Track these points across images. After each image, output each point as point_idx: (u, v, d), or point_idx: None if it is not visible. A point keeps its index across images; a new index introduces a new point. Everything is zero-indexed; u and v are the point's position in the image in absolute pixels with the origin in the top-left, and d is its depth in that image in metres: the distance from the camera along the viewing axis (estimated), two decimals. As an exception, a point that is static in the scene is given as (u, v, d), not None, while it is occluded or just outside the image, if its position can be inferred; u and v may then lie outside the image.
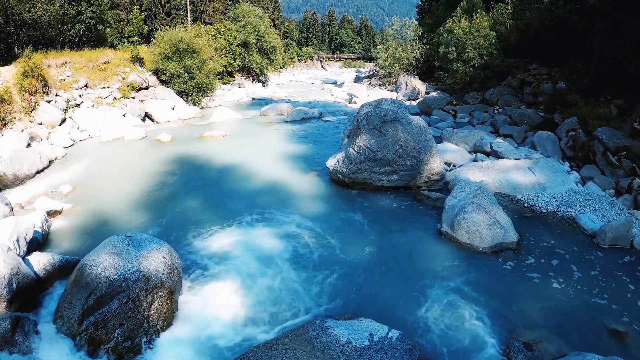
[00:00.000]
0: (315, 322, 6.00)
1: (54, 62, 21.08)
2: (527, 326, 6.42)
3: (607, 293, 7.30)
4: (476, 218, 8.85)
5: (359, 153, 11.71)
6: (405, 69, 37.62)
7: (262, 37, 45.84)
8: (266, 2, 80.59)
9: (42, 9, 21.65)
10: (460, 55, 27.10)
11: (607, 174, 11.88)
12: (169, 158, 15.24)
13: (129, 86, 24.50)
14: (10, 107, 16.60)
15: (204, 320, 6.41)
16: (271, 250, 8.55)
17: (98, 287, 5.93)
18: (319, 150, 16.44)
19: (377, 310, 6.71)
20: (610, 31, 15.37)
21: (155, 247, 6.82)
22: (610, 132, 12.53)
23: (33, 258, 7.29)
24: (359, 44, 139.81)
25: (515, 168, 12.08)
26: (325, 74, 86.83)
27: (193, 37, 29.04)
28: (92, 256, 6.35)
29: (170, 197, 11.52)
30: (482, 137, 15.61)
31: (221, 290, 7.15)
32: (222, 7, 57.48)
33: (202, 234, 9.22)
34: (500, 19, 28.79)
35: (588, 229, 9.47)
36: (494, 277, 7.74)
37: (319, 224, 9.75)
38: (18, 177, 12.45)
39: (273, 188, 12.15)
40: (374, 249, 8.71)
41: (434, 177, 11.98)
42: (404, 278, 7.68)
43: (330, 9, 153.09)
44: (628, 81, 14.23)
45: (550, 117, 16.72)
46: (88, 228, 9.48)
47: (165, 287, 6.33)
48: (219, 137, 18.89)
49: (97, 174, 13.45)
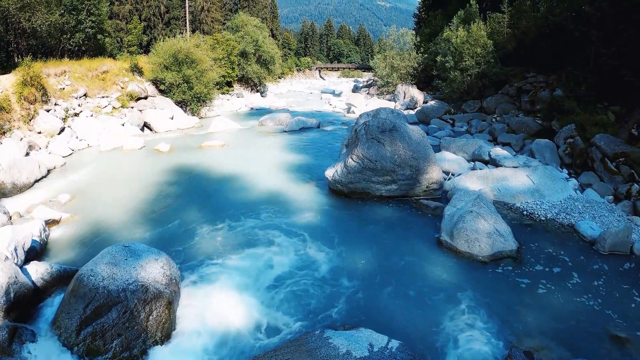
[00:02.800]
0: (315, 332, 5.96)
1: (54, 71, 21.17)
2: (528, 334, 6.39)
3: (608, 300, 7.28)
4: (475, 227, 8.84)
5: (357, 163, 11.71)
6: (403, 79, 37.80)
7: (261, 47, 46.05)
8: (265, 13, 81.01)
9: (42, 18, 21.77)
10: (458, 64, 27.26)
11: (605, 181, 11.90)
12: (167, 168, 15.24)
13: (128, 96, 24.59)
14: (10, 116, 16.64)
15: (202, 331, 6.36)
16: (270, 261, 8.51)
17: (96, 297, 5.90)
18: (318, 160, 16.45)
19: (377, 321, 6.67)
20: (606, 39, 15.49)
21: (154, 257, 6.79)
22: (608, 139, 12.57)
23: (31, 267, 7.25)
24: (357, 53, 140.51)
25: (514, 176, 12.09)
26: (324, 84, 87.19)
27: (192, 47, 29.19)
28: (90, 266, 6.33)
29: (169, 207, 11.50)
30: (481, 145, 15.64)
31: (220, 300, 7.10)
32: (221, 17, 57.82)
33: (200, 244, 9.18)
34: (497, 28, 29.02)
35: (587, 235, 9.46)
36: (493, 286, 7.71)
37: (317, 234, 9.73)
38: (17, 186, 12.44)
39: (272, 198, 12.13)
40: (373, 259, 8.67)
41: (432, 186, 11.97)
42: (403, 288, 7.64)
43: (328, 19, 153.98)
44: (625, 87, 14.31)
45: (548, 125, 16.78)
46: (86, 237, 9.44)
47: (163, 297, 6.29)
48: (218, 147, 18.90)
49: (96, 184, 13.43)
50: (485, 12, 31.69)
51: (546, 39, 21.26)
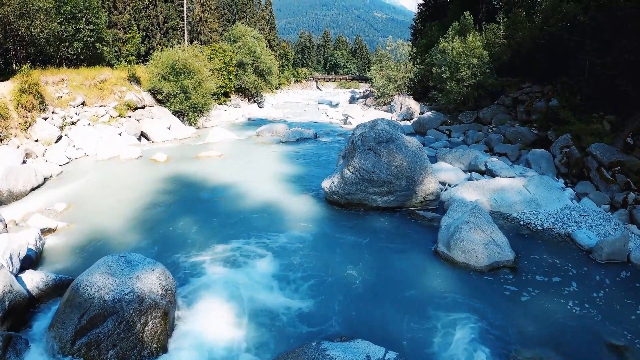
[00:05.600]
0: (312, 344, 5.91)
1: (52, 79, 21.20)
2: (526, 345, 6.36)
3: (606, 309, 7.28)
4: (472, 237, 8.84)
5: (354, 174, 11.72)
6: (400, 89, 37.99)
7: (258, 57, 46.22)
8: (262, 24, 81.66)
9: (41, 26, 21.82)
10: (454, 75, 27.46)
11: (601, 190, 11.95)
12: (164, 178, 15.22)
13: (126, 105, 24.61)
14: (7, 123, 16.62)
15: (198, 343, 6.30)
16: (266, 271, 8.48)
17: (91, 307, 5.85)
18: (314, 171, 16.46)
19: (374, 332, 6.62)
20: (601, 48, 15.65)
21: (150, 267, 6.75)
22: (603, 148, 12.65)
23: (26, 276, 7.20)
24: (353, 64, 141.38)
25: (510, 186, 12.13)
26: (321, 95, 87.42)
27: (190, 57, 29.28)
28: (86, 276, 6.28)
29: (165, 217, 11.46)
30: (477, 156, 15.70)
31: (216, 312, 7.05)
32: (219, 27, 58.20)
33: (196, 255, 9.13)
34: (493, 39, 29.27)
35: (584, 244, 9.49)
36: (491, 296, 7.69)
37: (314, 245, 9.70)
38: (13, 194, 12.39)
39: (269, 209, 12.10)
40: (370, 270, 8.64)
41: (429, 197, 11.99)
42: (400, 299, 7.61)
43: (325, 30, 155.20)
44: (620, 97, 14.44)
45: (544, 135, 16.89)
46: (82, 247, 9.39)
47: (159, 308, 6.25)
48: (215, 157, 18.91)
49: (92, 193, 13.39)
50: (481, 23, 32.02)
51: (541, 50, 21.47)
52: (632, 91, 13.95)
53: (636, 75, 13.97)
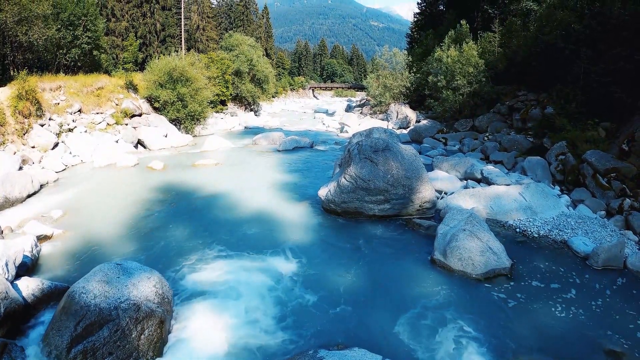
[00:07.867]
0: (308, 352, 5.91)
1: (49, 86, 21.22)
2: (523, 352, 6.36)
3: (602, 315, 7.29)
4: (468, 245, 8.86)
5: (350, 182, 11.73)
6: (396, 98, 38.17)
7: (255, 66, 46.42)
8: (259, 32, 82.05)
9: (39, 32, 21.85)
10: (450, 83, 27.65)
11: (597, 196, 12.01)
12: (161, 186, 15.19)
13: (123, 112, 24.63)
14: (4, 129, 16.61)
15: (194, 351, 6.27)
16: (262, 279, 8.45)
17: (87, 315, 5.82)
18: (311, 179, 16.46)
19: (371, 340, 6.61)
20: (596, 56, 15.80)
21: (146, 275, 6.72)
22: (599, 155, 12.73)
23: (22, 283, 7.15)
24: (350, 73, 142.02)
25: (506, 194, 12.17)
26: (317, 103, 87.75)
27: (187, 65, 29.39)
28: (82, 283, 6.25)
29: (161, 225, 11.43)
30: (473, 164, 15.75)
31: (212, 320, 7.02)
32: (216, 36, 58.48)
33: (193, 263, 9.09)
34: (489, 47, 29.52)
35: (580, 251, 9.52)
36: (488, 304, 7.70)
37: (310, 253, 9.68)
38: (9, 200, 12.35)
39: (265, 217, 12.08)
40: (367, 279, 8.63)
41: (425, 205, 12.01)
42: (397, 307, 7.59)
43: (322, 39, 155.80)
44: (615, 104, 14.56)
45: (540, 142, 16.98)
46: (78, 254, 9.35)
47: (155, 316, 6.22)
48: (211, 165, 18.91)
49: (89, 200, 13.35)
50: (477, 31, 32.28)
51: (537, 58, 21.67)
52: (626, 98, 14.08)
53: (630, 83, 14.11)
